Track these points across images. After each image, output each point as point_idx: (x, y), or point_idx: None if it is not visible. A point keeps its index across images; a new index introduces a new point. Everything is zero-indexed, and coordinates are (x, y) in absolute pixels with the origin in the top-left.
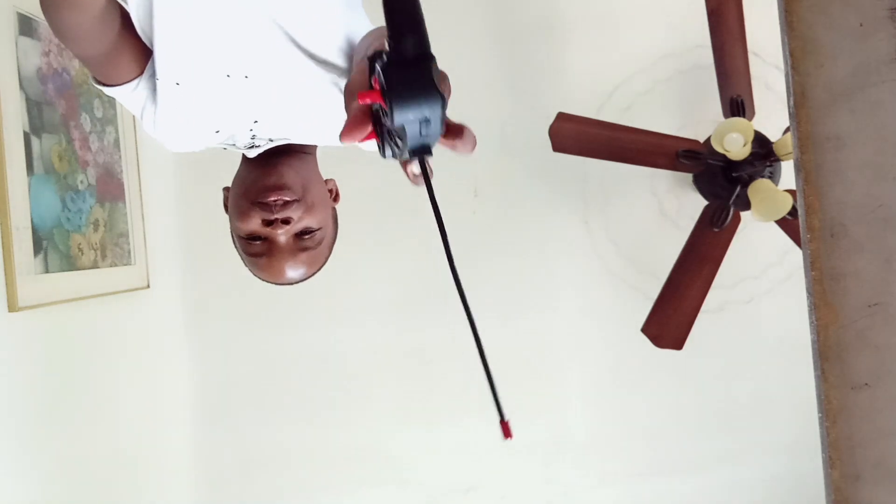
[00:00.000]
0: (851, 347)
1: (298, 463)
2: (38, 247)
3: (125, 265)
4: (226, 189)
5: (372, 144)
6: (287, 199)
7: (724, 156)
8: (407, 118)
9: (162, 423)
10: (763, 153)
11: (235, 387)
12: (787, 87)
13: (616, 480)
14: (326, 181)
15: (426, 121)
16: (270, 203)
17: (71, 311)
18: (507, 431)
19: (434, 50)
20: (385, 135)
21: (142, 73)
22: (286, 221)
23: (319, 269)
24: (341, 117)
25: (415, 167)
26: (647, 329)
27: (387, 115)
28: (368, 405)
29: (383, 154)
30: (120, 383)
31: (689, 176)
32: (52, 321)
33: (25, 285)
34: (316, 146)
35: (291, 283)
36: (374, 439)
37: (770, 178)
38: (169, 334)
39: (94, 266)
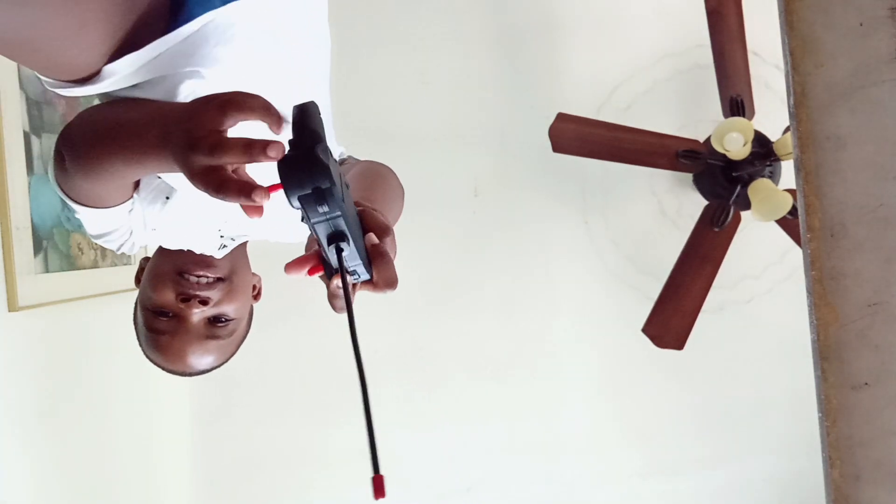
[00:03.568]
0: (851, 347)
1: (298, 463)
2: (38, 246)
3: (125, 265)
4: (145, 259)
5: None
6: (213, 276)
7: (724, 155)
8: (297, 191)
9: (162, 423)
10: (763, 153)
11: (235, 387)
12: (787, 87)
13: (616, 480)
14: (253, 275)
15: (319, 194)
16: (195, 277)
17: (71, 310)
18: (379, 489)
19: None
20: (327, 263)
21: (131, 196)
22: (204, 301)
23: (221, 364)
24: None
25: (335, 285)
26: (647, 329)
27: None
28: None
29: (328, 276)
30: (120, 383)
31: (689, 176)
32: (53, 321)
33: (25, 285)
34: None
35: (186, 374)
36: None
37: (770, 177)
38: None
39: (94, 266)
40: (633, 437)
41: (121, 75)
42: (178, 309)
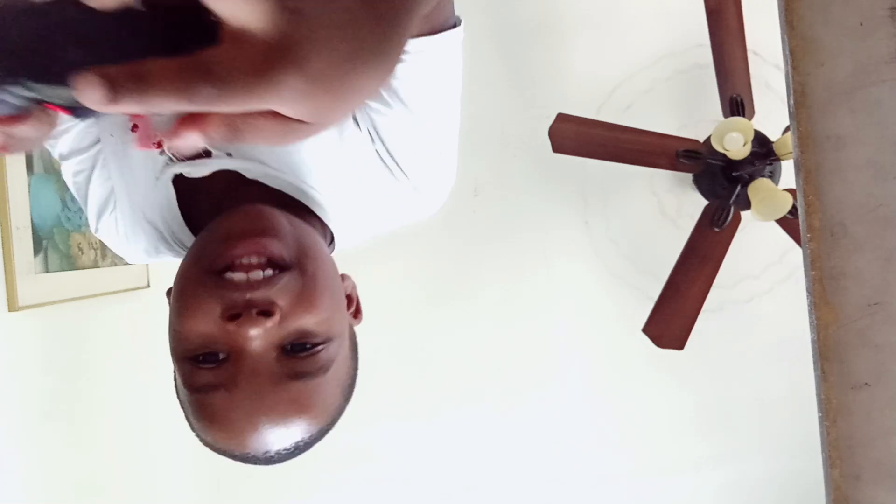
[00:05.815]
0: (851, 347)
1: (298, 463)
2: (38, 246)
3: (125, 264)
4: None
5: None
6: (272, 252)
7: (724, 155)
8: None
9: (162, 423)
10: (763, 152)
11: None
12: (787, 87)
13: (616, 480)
14: (342, 276)
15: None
16: (240, 272)
17: (71, 310)
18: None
19: None
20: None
21: None
22: (266, 310)
23: (323, 428)
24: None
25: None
26: (648, 329)
27: None
28: (368, 405)
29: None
30: (120, 383)
31: (689, 176)
32: (53, 321)
33: (25, 285)
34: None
35: (268, 456)
36: (374, 439)
37: (770, 177)
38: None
39: (94, 265)
40: (633, 437)
41: None
42: (229, 338)
